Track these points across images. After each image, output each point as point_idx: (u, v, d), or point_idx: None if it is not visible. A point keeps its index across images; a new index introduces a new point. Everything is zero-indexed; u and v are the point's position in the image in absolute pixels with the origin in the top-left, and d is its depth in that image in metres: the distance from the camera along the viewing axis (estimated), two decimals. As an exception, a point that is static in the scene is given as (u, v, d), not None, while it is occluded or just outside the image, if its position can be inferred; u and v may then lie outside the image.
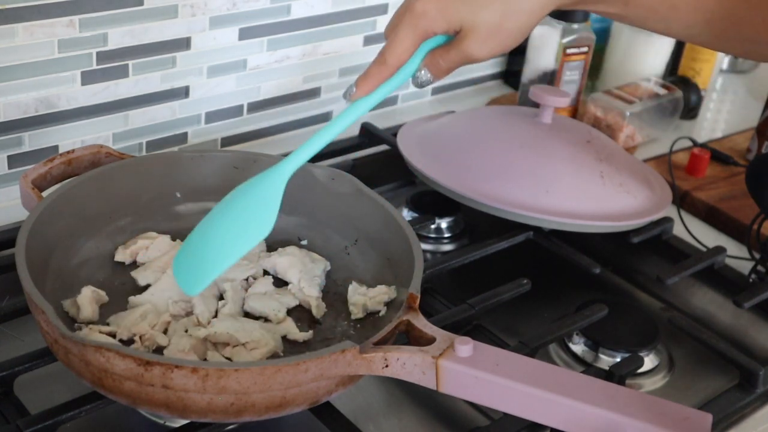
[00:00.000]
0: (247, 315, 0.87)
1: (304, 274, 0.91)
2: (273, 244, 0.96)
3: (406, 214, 1.16)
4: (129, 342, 0.81)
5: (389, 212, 0.91)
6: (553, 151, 1.10)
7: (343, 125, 0.79)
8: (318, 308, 0.89)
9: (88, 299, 0.83)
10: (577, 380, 0.77)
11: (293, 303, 0.89)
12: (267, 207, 0.79)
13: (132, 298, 0.86)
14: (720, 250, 1.11)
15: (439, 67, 0.77)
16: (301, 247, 0.96)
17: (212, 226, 0.80)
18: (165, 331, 0.83)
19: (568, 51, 1.29)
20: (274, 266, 0.92)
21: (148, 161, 0.96)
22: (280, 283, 0.92)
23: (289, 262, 0.92)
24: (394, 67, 0.77)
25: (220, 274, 0.77)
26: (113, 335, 0.81)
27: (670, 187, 1.18)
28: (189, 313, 0.85)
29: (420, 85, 0.79)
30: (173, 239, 0.94)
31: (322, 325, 0.88)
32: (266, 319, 0.86)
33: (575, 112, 1.36)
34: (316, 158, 1.14)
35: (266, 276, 0.92)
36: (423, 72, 0.78)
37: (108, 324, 0.83)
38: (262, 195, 0.80)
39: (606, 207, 1.06)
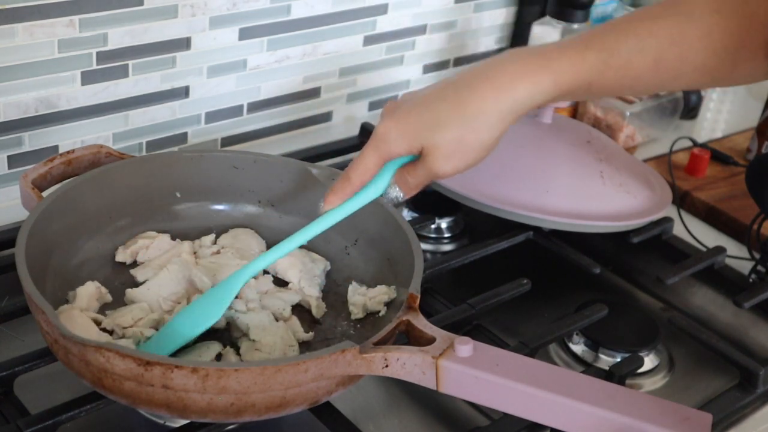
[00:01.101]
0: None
1: (304, 274, 0.91)
2: (273, 244, 0.96)
3: (406, 214, 1.16)
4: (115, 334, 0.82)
5: (389, 212, 0.91)
6: (553, 151, 1.10)
7: (309, 236, 0.83)
8: (318, 308, 0.89)
9: (88, 292, 0.84)
10: (577, 380, 0.77)
11: (296, 299, 0.89)
12: (219, 302, 0.82)
13: (129, 291, 0.86)
14: (720, 250, 1.11)
15: (408, 184, 0.81)
16: (301, 247, 0.96)
17: (172, 321, 0.83)
18: (156, 328, 0.83)
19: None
20: (274, 266, 0.92)
21: (148, 161, 0.96)
22: (279, 283, 0.92)
23: (289, 262, 0.92)
24: (358, 184, 0.81)
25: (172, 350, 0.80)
26: (98, 322, 0.82)
27: (670, 187, 1.18)
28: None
29: (391, 201, 0.83)
30: (173, 238, 0.94)
31: (322, 325, 0.88)
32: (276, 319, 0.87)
33: (575, 112, 1.36)
34: (315, 158, 1.16)
35: (266, 275, 0.92)
36: (393, 188, 0.82)
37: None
38: (218, 291, 0.83)
39: (606, 207, 1.06)
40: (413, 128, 0.78)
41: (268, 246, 0.96)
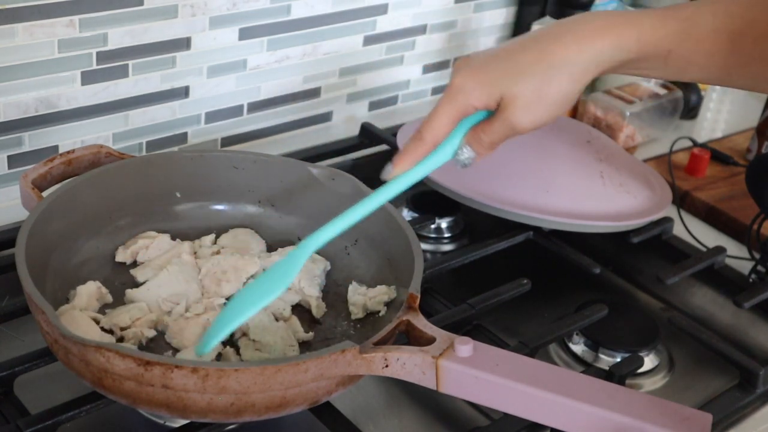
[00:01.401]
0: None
1: (304, 274, 0.91)
2: (273, 244, 0.96)
3: (406, 214, 1.16)
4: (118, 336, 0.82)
5: (389, 212, 0.91)
6: (553, 151, 1.10)
7: (377, 203, 0.78)
8: (318, 308, 0.89)
9: (88, 291, 0.84)
10: (577, 380, 0.76)
11: (296, 299, 0.89)
12: (286, 272, 0.78)
13: (129, 291, 0.86)
14: (720, 250, 1.11)
15: (482, 142, 0.76)
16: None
17: (237, 296, 0.80)
18: (155, 328, 0.84)
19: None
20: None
21: (148, 161, 0.96)
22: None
23: None
24: (432, 144, 0.76)
25: (237, 326, 0.76)
26: (97, 321, 0.82)
27: (670, 187, 1.18)
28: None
29: (462, 164, 0.77)
30: (173, 239, 0.94)
31: (322, 325, 0.88)
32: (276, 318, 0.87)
33: (575, 112, 1.36)
34: (315, 158, 1.15)
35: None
36: (465, 149, 0.77)
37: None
38: (282, 264, 0.79)
39: (606, 207, 1.06)
40: (492, 78, 0.74)
41: (268, 246, 0.96)
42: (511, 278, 1.00)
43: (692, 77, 0.80)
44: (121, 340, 0.82)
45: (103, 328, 0.82)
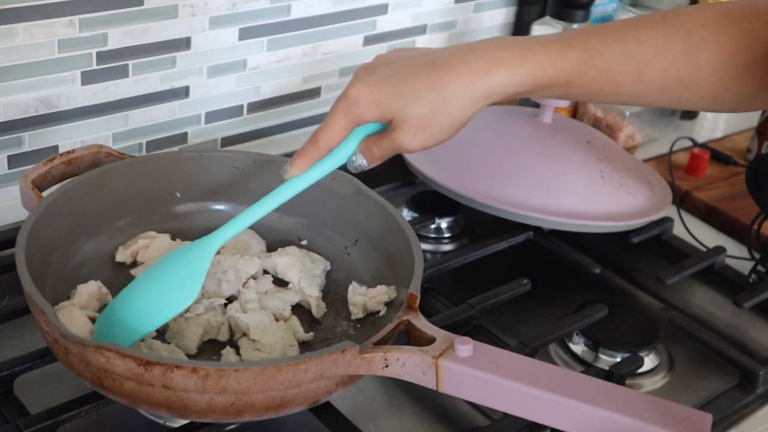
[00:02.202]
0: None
1: (304, 274, 0.91)
2: (273, 244, 0.96)
3: (406, 214, 1.16)
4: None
5: (389, 212, 0.91)
6: (553, 151, 1.10)
7: (276, 203, 0.82)
8: (318, 308, 0.89)
9: (89, 290, 0.84)
10: (577, 380, 0.77)
11: (296, 299, 0.89)
12: (193, 277, 0.81)
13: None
14: (720, 250, 1.11)
15: (373, 153, 0.79)
16: (301, 247, 0.96)
17: (137, 292, 0.81)
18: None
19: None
20: (274, 266, 0.92)
21: (148, 161, 0.96)
22: (279, 283, 0.92)
23: (289, 262, 0.92)
24: (326, 149, 0.79)
25: (142, 337, 0.79)
26: (94, 320, 0.82)
27: (670, 187, 1.18)
28: None
29: (354, 169, 0.81)
30: (173, 239, 0.94)
31: (322, 325, 0.88)
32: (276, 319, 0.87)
33: (575, 112, 1.36)
34: (316, 158, 1.15)
35: (266, 275, 0.92)
36: (358, 156, 0.80)
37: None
38: (189, 264, 0.82)
39: (606, 207, 1.06)
40: (386, 97, 0.77)
41: (268, 246, 0.96)
42: (511, 278, 1.00)
43: (602, 100, 0.81)
44: None
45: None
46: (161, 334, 0.83)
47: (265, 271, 0.93)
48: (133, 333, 0.78)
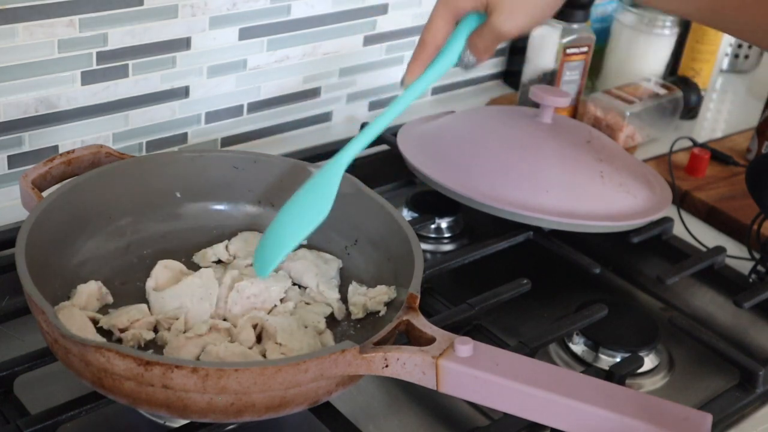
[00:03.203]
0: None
1: (321, 278, 0.91)
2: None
3: (406, 214, 1.16)
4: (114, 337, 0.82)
5: (389, 212, 0.91)
6: (553, 151, 1.10)
7: (400, 109, 0.83)
8: (339, 310, 0.89)
9: (89, 290, 0.84)
10: (577, 380, 0.77)
11: (328, 310, 0.89)
12: (324, 194, 0.85)
13: (150, 291, 0.87)
14: (720, 250, 1.11)
15: (478, 47, 0.81)
16: (310, 248, 0.95)
17: (279, 219, 0.87)
18: (154, 330, 0.84)
19: (568, 51, 1.29)
20: (289, 271, 0.92)
21: (148, 161, 0.96)
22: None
23: (304, 266, 0.91)
24: (433, 46, 0.81)
25: (285, 256, 0.86)
26: (96, 321, 0.82)
27: (670, 187, 1.18)
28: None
29: (465, 67, 0.82)
30: (173, 239, 0.94)
31: (322, 325, 0.89)
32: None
33: (575, 112, 1.36)
34: (316, 158, 1.15)
35: (293, 287, 0.91)
36: (466, 54, 0.81)
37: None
38: (320, 183, 0.85)
39: (606, 207, 1.06)
40: None
41: None
42: (511, 278, 1.00)
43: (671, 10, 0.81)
44: (119, 341, 0.82)
45: (102, 329, 0.82)
46: (160, 348, 0.83)
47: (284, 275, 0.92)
48: (276, 252, 0.85)
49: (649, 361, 1.00)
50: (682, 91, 1.42)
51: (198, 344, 0.82)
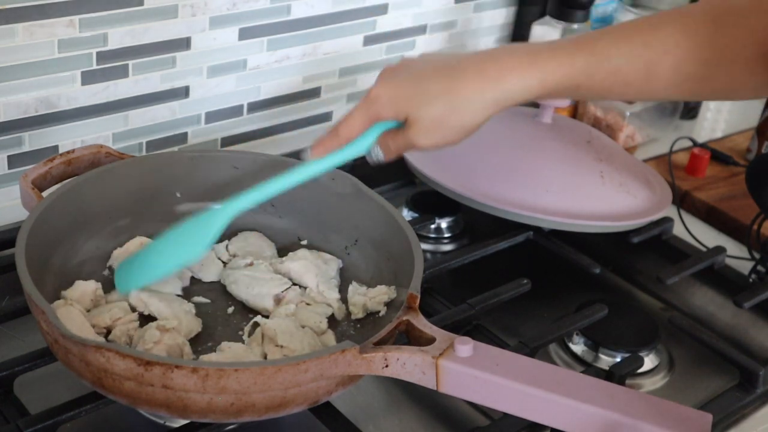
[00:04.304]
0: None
1: (321, 278, 0.91)
2: (276, 245, 0.96)
3: (406, 214, 1.16)
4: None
5: (389, 212, 0.91)
6: (553, 151, 1.10)
7: (292, 182, 0.86)
8: (339, 310, 0.89)
9: (84, 288, 0.84)
10: (577, 380, 0.77)
11: (329, 311, 0.89)
12: (204, 234, 0.85)
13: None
14: (720, 250, 1.11)
15: (389, 148, 0.84)
16: (310, 249, 0.95)
17: (155, 245, 0.88)
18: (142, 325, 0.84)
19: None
20: (289, 272, 0.92)
21: (148, 161, 0.96)
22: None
23: (304, 267, 0.91)
24: (345, 140, 0.84)
25: (150, 282, 0.86)
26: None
27: (670, 187, 1.18)
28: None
29: (372, 161, 0.86)
30: None
31: (322, 325, 0.89)
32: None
33: (575, 112, 1.36)
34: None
35: (293, 287, 0.91)
36: (376, 149, 0.85)
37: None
38: (202, 225, 0.86)
39: (606, 207, 1.06)
40: (403, 98, 0.81)
41: (278, 248, 0.96)
42: (511, 278, 1.00)
43: (613, 99, 0.84)
44: (105, 338, 0.82)
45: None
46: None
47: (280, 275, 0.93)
48: (143, 275, 0.86)
49: (649, 361, 1.00)
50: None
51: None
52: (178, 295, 0.89)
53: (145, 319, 0.85)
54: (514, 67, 0.80)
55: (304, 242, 0.97)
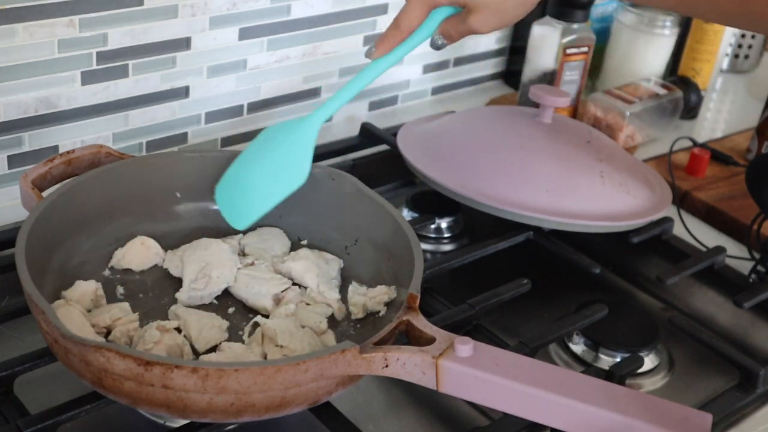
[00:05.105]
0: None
1: (322, 278, 0.91)
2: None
3: (406, 214, 1.16)
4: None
5: (389, 212, 0.91)
6: (553, 151, 1.10)
7: (366, 81, 0.88)
8: (339, 310, 0.89)
9: (84, 289, 0.84)
10: (577, 380, 0.77)
11: (329, 311, 0.89)
12: (301, 157, 0.88)
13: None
14: (720, 250, 1.11)
15: (451, 35, 0.86)
16: (311, 248, 0.95)
17: (251, 167, 0.91)
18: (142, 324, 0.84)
19: (568, 51, 1.29)
20: (290, 272, 0.92)
21: (148, 161, 0.96)
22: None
23: (305, 266, 0.91)
24: (406, 32, 0.85)
25: (261, 215, 0.89)
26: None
27: (670, 187, 1.18)
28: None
29: (437, 47, 0.87)
30: (175, 238, 0.94)
31: (322, 325, 0.89)
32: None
33: (575, 112, 1.36)
34: (316, 158, 1.15)
35: (293, 287, 0.91)
36: (438, 37, 0.86)
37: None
38: (296, 144, 0.89)
39: (606, 207, 1.06)
40: None
41: (293, 245, 0.96)
42: (511, 278, 1.00)
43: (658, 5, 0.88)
44: (105, 338, 0.82)
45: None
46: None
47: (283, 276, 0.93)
48: (254, 208, 0.89)
49: (649, 361, 1.00)
50: (682, 91, 1.42)
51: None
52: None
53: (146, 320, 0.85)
54: None
55: (305, 242, 0.97)
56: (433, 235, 1.16)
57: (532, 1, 0.85)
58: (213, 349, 0.83)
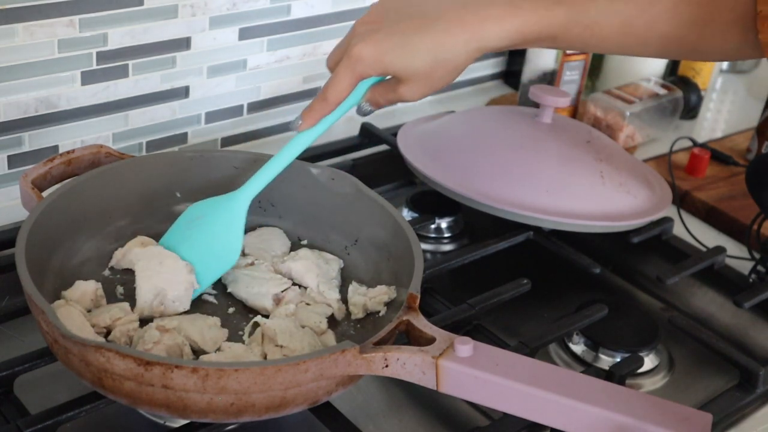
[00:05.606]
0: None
1: (322, 278, 0.91)
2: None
3: (406, 214, 1.16)
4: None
5: (389, 212, 0.91)
6: (553, 151, 1.10)
7: (294, 154, 0.89)
8: (339, 310, 0.89)
9: (84, 288, 0.84)
10: (577, 380, 0.77)
11: (329, 311, 0.89)
12: (232, 237, 0.89)
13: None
14: (720, 250, 1.11)
15: (378, 102, 0.86)
16: (312, 248, 0.95)
17: (179, 249, 0.90)
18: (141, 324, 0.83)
19: (568, 51, 1.29)
20: (290, 271, 0.92)
21: (148, 161, 0.96)
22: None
23: (305, 266, 0.91)
24: (334, 104, 0.85)
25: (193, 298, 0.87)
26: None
27: (670, 187, 1.18)
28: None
29: (363, 114, 0.87)
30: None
31: (322, 325, 0.88)
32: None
33: (575, 112, 1.36)
34: (316, 158, 1.16)
35: (293, 287, 0.91)
36: (364, 104, 0.86)
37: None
38: (225, 225, 0.90)
39: (606, 207, 1.06)
40: (387, 55, 0.82)
41: (293, 245, 0.96)
42: (511, 278, 1.00)
43: (588, 51, 0.90)
44: (105, 338, 0.82)
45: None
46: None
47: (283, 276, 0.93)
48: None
49: (649, 361, 1.00)
50: (682, 91, 1.42)
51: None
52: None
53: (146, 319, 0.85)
54: (494, 15, 0.81)
55: (305, 242, 0.97)
56: (433, 235, 1.16)
57: (461, 68, 0.83)
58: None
